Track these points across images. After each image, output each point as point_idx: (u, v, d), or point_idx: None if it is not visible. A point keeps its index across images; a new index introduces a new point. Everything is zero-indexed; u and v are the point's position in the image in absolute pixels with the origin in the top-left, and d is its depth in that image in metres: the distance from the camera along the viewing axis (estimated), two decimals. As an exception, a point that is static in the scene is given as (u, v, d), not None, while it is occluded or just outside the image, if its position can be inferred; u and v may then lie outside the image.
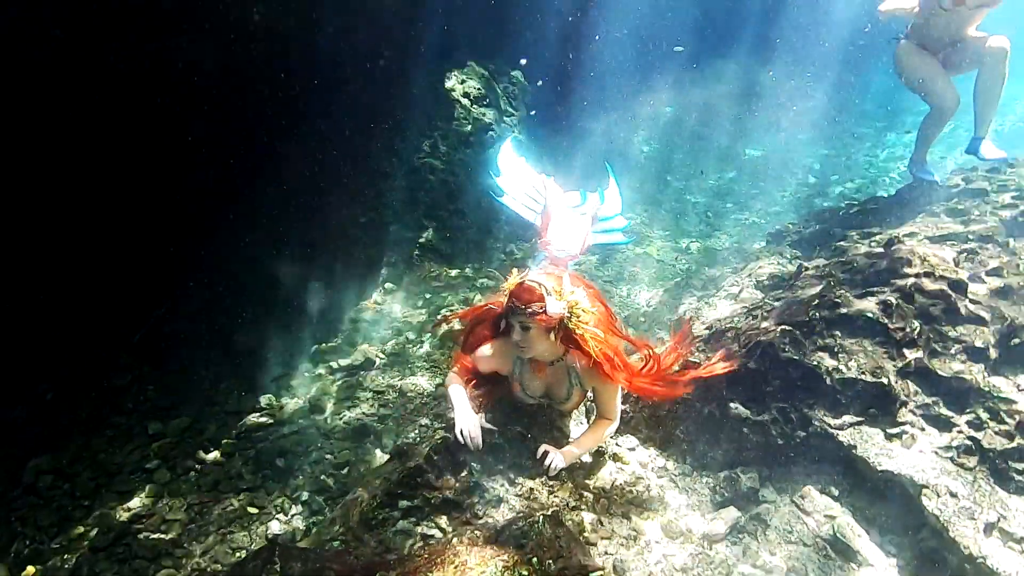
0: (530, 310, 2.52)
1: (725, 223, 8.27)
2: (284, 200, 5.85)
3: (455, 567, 2.09)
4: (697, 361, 3.55)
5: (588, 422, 3.72)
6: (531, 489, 3.13)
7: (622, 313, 5.78)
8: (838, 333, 3.29)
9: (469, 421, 3.01)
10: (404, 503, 3.09)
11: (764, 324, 3.52)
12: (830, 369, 3.15)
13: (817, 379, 3.14)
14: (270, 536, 3.39)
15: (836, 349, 3.23)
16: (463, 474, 3.12)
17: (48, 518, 3.49)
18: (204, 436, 4.19)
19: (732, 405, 3.36)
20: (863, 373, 3.11)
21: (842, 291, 3.51)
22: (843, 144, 11.66)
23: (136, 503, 3.60)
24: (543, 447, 3.05)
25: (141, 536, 3.37)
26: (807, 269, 4.15)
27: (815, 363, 3.18)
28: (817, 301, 3.46)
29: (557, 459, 2.99)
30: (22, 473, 3.74)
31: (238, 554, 3.29)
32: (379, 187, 6.59)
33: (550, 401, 3.10)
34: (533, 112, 9.26)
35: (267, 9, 5.38)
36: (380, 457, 3.93)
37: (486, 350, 2.95)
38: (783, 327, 3.35)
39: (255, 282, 5.84)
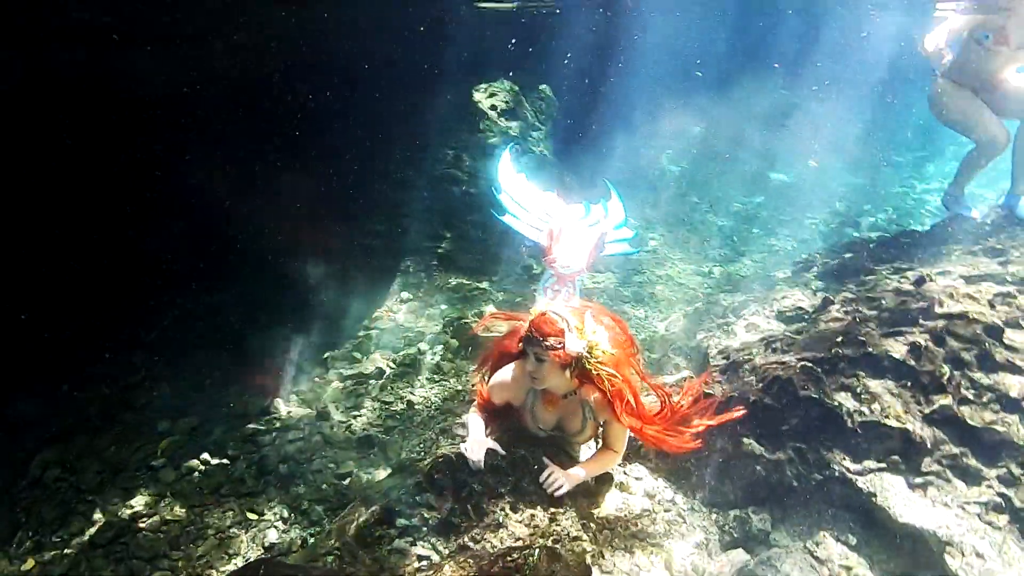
0: (547, 343, 2.51)
1: (750, 248, 8.09)
2: (302, 207, 5.91)
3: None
4: (712, 393, 3.43)
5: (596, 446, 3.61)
6: (532, 515, 3.03)
7: (639, 335, 5.66)
8: (862, 373, 3.15)
9: (477, 441, 2.96)
10: (402, 521, 3.02)
11: (784, 358, 3.39)
12: (852, 411, 3.00)
13: (837, 420, 3.00)
14: (267, 544, 3.36)
15: (859, 390, 3.09)
16: (464, 494, 3.05)
17: (52, 511, 3.52)
18: (211, 438, 4.19)
19: (746, 441, 3.23)
20: (887, 417, 2.96)
21: (868, 329, 3.37)
22: (878, 173, 11.38)
23: (139, 501, 3.61)
24: (549, 467, 2.96)
25: (140, 535, 3.37)
26: (832, 303, 4.00)
27: (836, 403, 3.04)
28: (841, 338, 3.32)
29: (561, 480, 2.90)
30: (29, 465, 3.79)
31: (234, 561, 3.26)
32: (399, 196, 6.62)
33: (562, 434, 3.03)
34: (569, 121, 9.24)
35: (294, 21, 5.49)
36: (383, 470, 3.87)
37: (503, 374, 2.93)
38: (803, 363, 3.21)
39: (270, 286, 5.90)
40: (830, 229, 8.71)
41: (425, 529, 2.95)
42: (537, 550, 2.43)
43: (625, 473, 3.59)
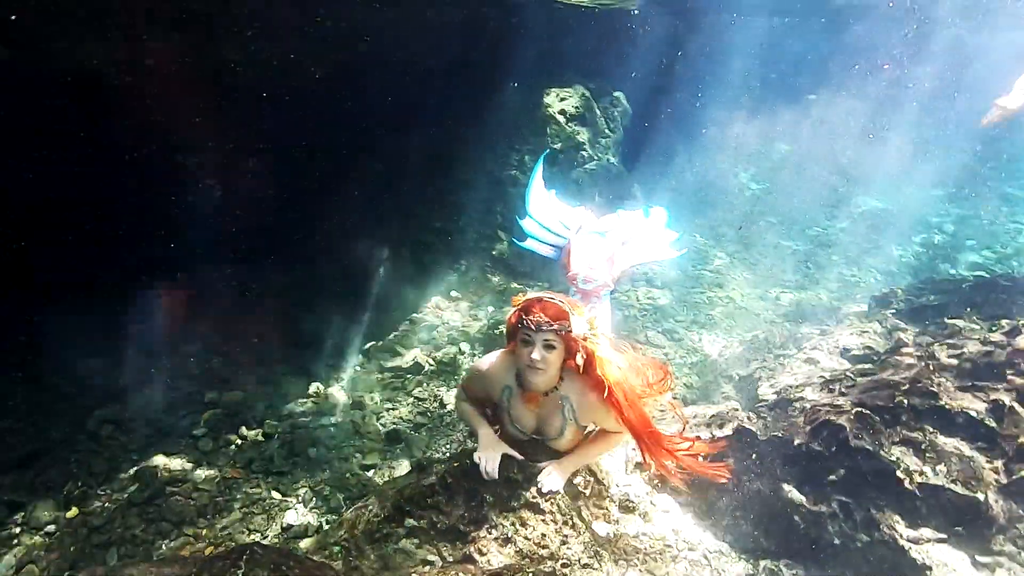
0: (557, 327, 2.31)
1: (826, 277, 7.52)
2: (366, 200, 6.06)
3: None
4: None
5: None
6: (543, 535, 2.91)
7: (689, 358, 5.38)
8: (929, 428, 2.79)
9: (492, 449, 2.84)
10: (410, 522, 2.98)
11: (838, 401, 3.07)
12: (911, 469, 2.67)
13: (893, 478, 2.67)
14: (284, 525, 3.43)
15: (923, 447, 2.74)
16: (474, 503, 2.97)
17: (100, 465, 3.77)
18: (251, 412, 4.36)
19: (785, 487, 2.96)
20: (954, 482, 2.61)
21: (943, 379, 2.99)
22: (986, 205, 10.27)
23: (176, 466, 3.79)
24: (544, 469, 2.77)
25: (172, 500, 3.54)
26: (905, 345, 3.61)
27: (893, 458, 2.72)
28: (908, 386, 2.96)
29: (552, 479, 2.72)
30: (88, 420, 4.08)
31: (253, 536, 3.35)
32: (460, 196, 6.66)
33: (542, 438, 2.80)
34: (642, 129, 8.96)
35: (376, 20, 5.63)
36: (405, 466, 3.87)
37: (483, 363, 2.71)
38: (860, 409, 2.89)
39: (330, 273, 6.08)
40: (921, 263, 7.96)
41: (433, 533, 2.90)
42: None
43: (652, 503, 3.40)
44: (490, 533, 2.90)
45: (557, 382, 2.53)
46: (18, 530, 3.33)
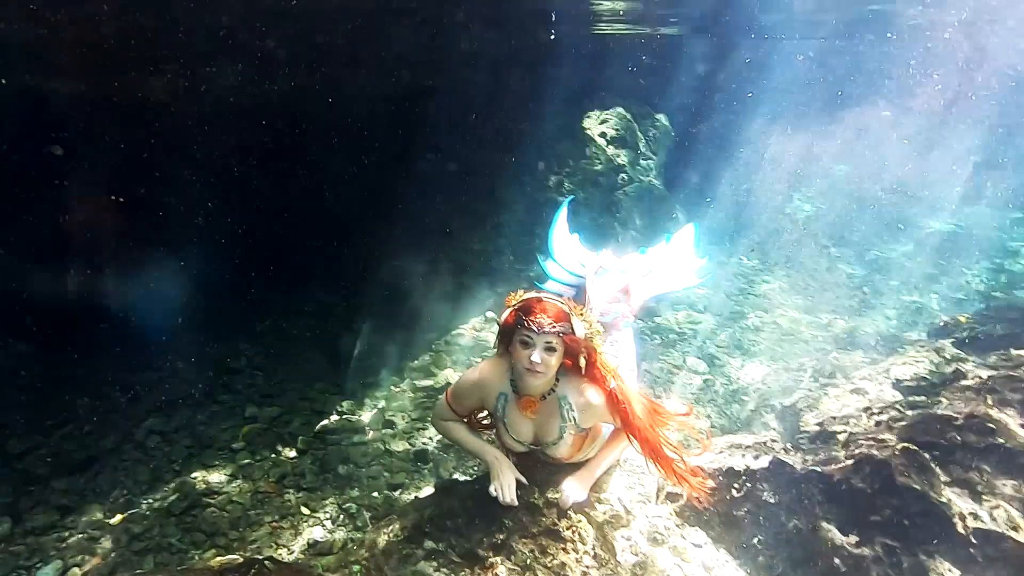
0: (558, 328, 2.24)
1: (884, 303, 7.10)
2: (407, 221, 6.22)
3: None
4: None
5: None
6: (563, 564, 2.83)
7: (730, 386, 5.17)
8: (986, 468, 2.56)
9: (508, 476, 2.80)
10: (429, 544, 2.95)
11: (884, 435, 2.86)
12: (965, 513, 2.44)
13: (944, 521, 2.45)
14: (311, 541, 3.48)
15: (979, 488, 2.51)
16: (493, 528, 2.92)
17: (145, 474, 3.95)
18: (287, 428, 4.48)
19: (825, 525, 2.76)
20: (1015, 529, 2.36)
21: (1004, 415, 2.74)
22: (1069, 229, 9.51)
23: (214, 478, 3.93)
24: (565, 482, 2.70)
25: (208, 511, 3.65)
26: (964, 377, 3.34)
27: (944, 500, 2.50)
28: (963, 420, 2.73)
29: (574, 491, 2.65)
30: (137, 430, 4.30)
31: (280, 552, 3.41)
32: (499, 218, 6.72)
33: (540, 447, 2.69)
34: (685, 151, 8.82)
35: (415, 53, 5.85)
36: (431, 487, 3.86)
37: (474, 374, 2.61)
38: (907, 444, 2.69)
39: (369, 293, 6.24)
40: (991, 290, 7.40)
41: (451, 556, 2.86)
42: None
43: (683, 536, 3.25)
44: (509, 559, 2.84)
45: (553, 383, 2.45)
46: (67, 533, 3.52)
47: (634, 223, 7.33)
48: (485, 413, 2.85)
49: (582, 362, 2.35)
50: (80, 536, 3.51)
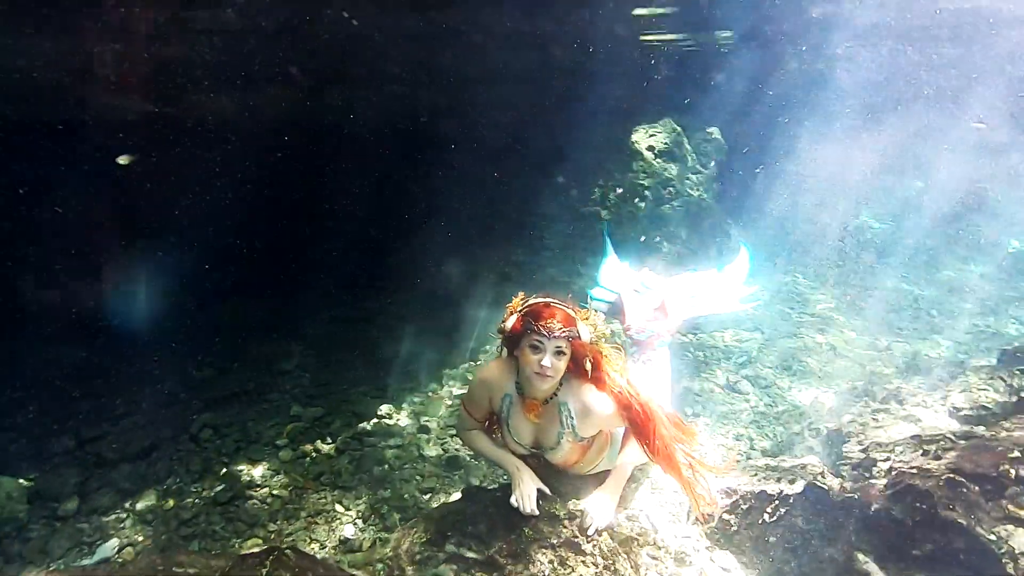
0: (567, 333, 2.27)
1: (952, 326, 6.64)
2: (452, 232, 6.38)
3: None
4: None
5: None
6: (581, 577, 2.82)
7: (774, 407, 4.96)
8: (1043, 505, 2.35)
9: (529, 485, 2.82)
10: (451, 548, 3.00)
11: (930, 464, 2.69)
12: (1017, 553, 2.25)
13: (991, 559, 2.27)
14: (342, 538, 3.60)
15: (1034, 527, 2.31)
16: (513, 536, 2.94)
17: (197, 465, 4.21)
18: (328, 428, 4.66)
19: (861, 557, 2.61)
20: (1073, 573, 2.16)
21: (1068, 448, 2.52)
22: None
23: (257, 472, 4.14)
24: (588, 500, 2.70)
25: (249, 503, 3.86)
26: (1028, 406, 3.08)
27: (993, 538, 2.31)
28: (1019, 453, 2.52)
29: (596, 517, 2.64)
30: (192, 423, 4.59)
31: (311, 546, 3.55)
32: (541, 230, 6.78)
33: (540, 450, 2.70)
34: (740, 164, 8.60)
35: (467, 69, 6.04)
36: (459, 492, 3.91)
37: (483, 373, 2.66)
38: (954, 476, 2.51)
39: (413, 301, 6.43)
40: (1079, 316, 6.78)
41: (471, 561, 2.90)
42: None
43: (712, 559, 3.15)
44: (528, 569, 2.85)
45: (556, 388, 2.47)
46: (125, 515, 3.81)
47: (680, 237, 7.20)
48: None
49: (588, 366, 2.37)
50: (136, 518, 3.78)
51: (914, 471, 2.67)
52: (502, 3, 5.27)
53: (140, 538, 3.61)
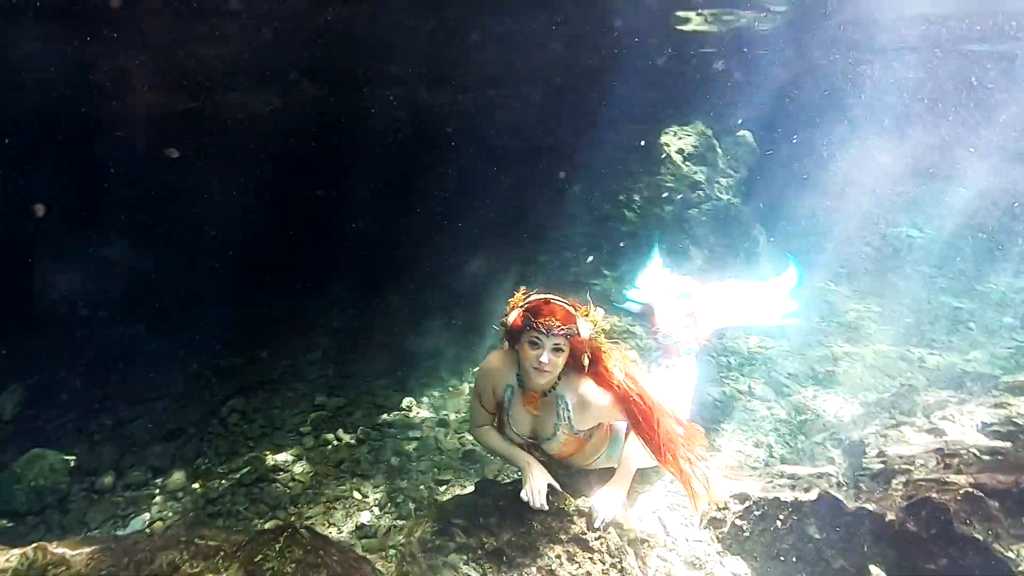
0: (566, 330, 2.33)
1: (992, 341, 6.39)
2: (475, 230, 6.45)
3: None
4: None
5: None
6: (588, 573, 2.85)
7: (796, 416, 4.88)
8: (1066, 525, 2.28)
9: (539, 480, 2.87)
10: (461, 538, 3.07)
11: (950, 478, 2.63)
12: (1035, 572, 2.20)
13: (1007, 578, 2.22)
14: (358, 523, 3.70)
15: (1055, 546, 2.25)
16: (523, 530, 2.99)
17: (224, 448, 4.39)
18: (350, 418, 4.79)
19: (874, 570, 2.58)
20: (1095, 596, 2.10)
21: (1097, 468, 2.43)
22: None
23: (281, 457, 4.28)
24: (596, 494, 2.74)
25: (273, 486, 4.00)
26: (1060, 423, 2.98)
27: (1011, 555, 2.26)
28: (1043, 470, 2.45)
29: (603, 510, 2.68)
30: (221, 407, 4.79)
31: (329, 530, 3.66)
32: (565, 230, 6.80)
33: (537, 440, 2.76)
34: (774, 169, 8.45)
35: (494, 69, 6.11)
36: (472, 485, 3.98)
37: (487, 364, 2.75)
38: (971, 490, 2.45)
39: (437, 297, 6.53)
40: None
41: (480, 552, 2.96)
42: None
43: (722, 564, 3.15)
44: (535, 562, 2.90)
45: (555, 381, 2.55)
46: (156, 492, 4.00)
47: (708, 241, 7.12)
48: None
49: (585, 361, 2.41)
50: (166, 496, 3.97)
51: (932, 484, 2.62)
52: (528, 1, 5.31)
53: (169, 514, 3.79)
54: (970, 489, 2.45)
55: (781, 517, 3.09)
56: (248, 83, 5.36)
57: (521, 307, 2.45)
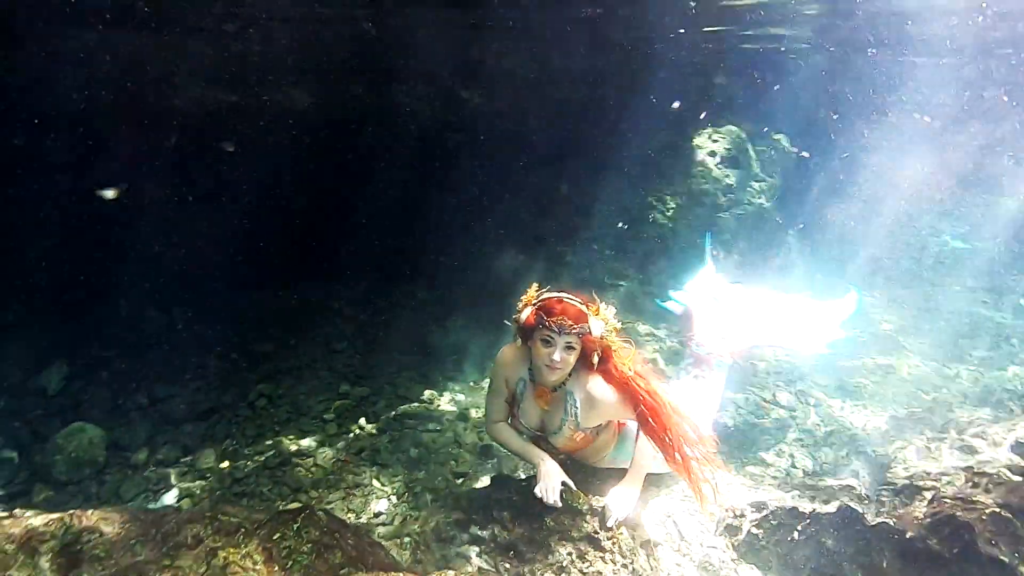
0: (578, 329, 2.34)
1: (1035, 357, 6.14)
2: (503, 230, 6.49)
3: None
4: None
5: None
6: (599, 572, 2.86)
7: (822, 427, 4.78)
8: (1099, 551, 2.19)
9: (553, 477, 2.89)
10: (475, 530, 3.12)
11: (978, 496, 2.55)
12: (1062, 597, 2.12)
13: (1032, 602, 2.14)
14: (375, 511, 3.79)
15: (1086, 572, 2.16)
16: (535, 526, 3.01)
17: (252, 431, 4.54)
18: (373, 408, 4.89)
19: (893, 586, 2.52)
20: None
21: None
22: None
23: (305, 443, 4.41)
24: (610, 493, 2.75)
25: (295, 470, 4.12)
26: (1100, 447, 2.85)
27: (1038, 578, 2.18)
28: (1078, 493, 2.35)
29: (615, 508, 2.68)
30: (251, 392, 4.95)
31: (348, 515, 3.75)
32: (594, 230, 6.78)
33: (544, 434, 2.78)
34: (809, 174, 8.27)
35: (530, 68, 6.13)
36: (489, 479, 4.02)
37: (501, 357, 2.76)
38: (1000, 510, 2.37)
39: (465, 294, 6.60)
40: None
41: (492, 545, 3.00)
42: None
43: (736, 571, 3.12)
44: (546, 558, 2.92)
45: (565, 377, 2.55)
46: (186, 470, 4.16)
47: (737, 246, 7.02)
48: None
49: (595, 359, 2.42)
50: (196, 473, 4.13)
51: (958, 502, 2.54)
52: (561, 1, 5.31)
53: (198, 491, 3.95)
54: (997, 509, 2.37)
55: (799, 527, 3.04)
56: (290, 80, 5.52)
57: (534, 305, 2.47)
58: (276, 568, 1.93)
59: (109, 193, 5.14)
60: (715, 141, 7.43)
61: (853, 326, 6.68)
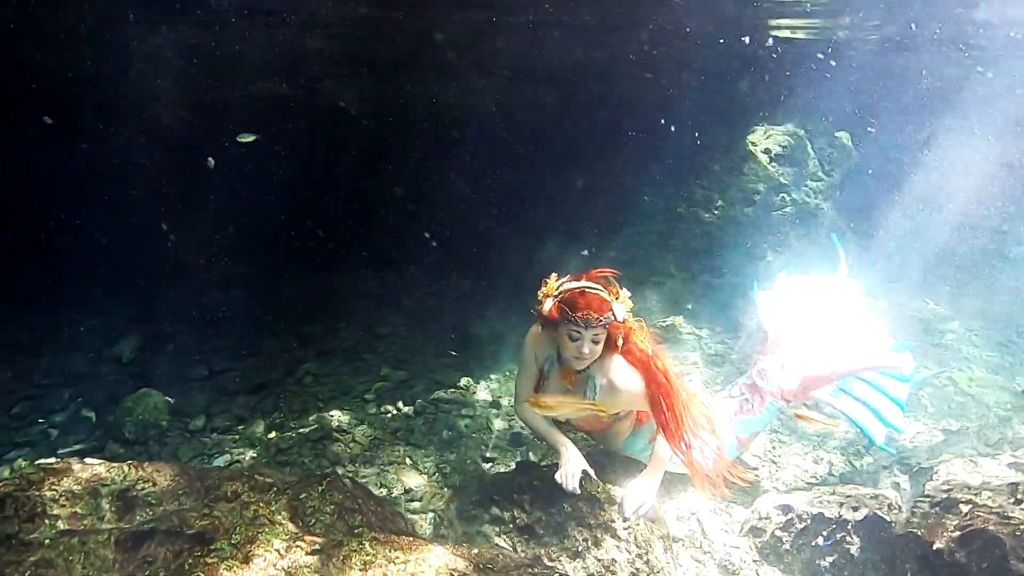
0: (604, 320, 2.38)
1: (1121, 376, 5.64)
2: (544, 226, 6.55)
3: None
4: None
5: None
6: (614, 560, 2.91)
7: (865, 438, 4.58)
8: None
9: (574, 464, 2.95)
10: (495, 511, 3.23)
11: (1013, 512, 2.42)
12: (1097, 621, 2.00)
13: (1063, 624, 2.04)
14: (407, 487, 3.96)
15: None
16: (553, 511, 3.09)
17: (298, 405, 4.83)
18: (410, 391, 5.08)
19: (915, 597, 2.44)
20: None
21: None
22: None
23: (345, 419, 4.65)
24: (629, 486, 2.80)
25: (334, 445, 4.36)
26: None
27: (1071, 600, 2.07)
28: None
29: (633, 500, 2.74)
30: (298, 369, 5.26)
31: (380, 491, 3.94)
32: (638, 226, 6.73)
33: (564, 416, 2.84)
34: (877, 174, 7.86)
35: (579, 65, 6.13)
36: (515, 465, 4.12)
37: (530, 336, 2.83)
38: (1035, 527, 2.25)
39: (504, 286, 6.71)
40: None
41: (511, 526, 3.11)
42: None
43: (757, 573, 3.10)
44: (562, 543, 3.01)
45: (591, 362, 2.59)
46: (237, 438, 4.48)
47: (789, 247, 6.78)
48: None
49: (620, 341, 2.44)
50: (245, 441, 4.44)
51: (992, 516, 2.43)
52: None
53: (246, 457, 4.25)
54: (1034, 526, 2.26)
55: (824, 533, 2.98)
56: (342, 76, 5.78)
57: (555, 297, 2.51)
58: (300, 524, 2.10)
59: (248, 138, 5.46)
60: (770, 137, 7.19)
61: (913, 337, 6.37)
